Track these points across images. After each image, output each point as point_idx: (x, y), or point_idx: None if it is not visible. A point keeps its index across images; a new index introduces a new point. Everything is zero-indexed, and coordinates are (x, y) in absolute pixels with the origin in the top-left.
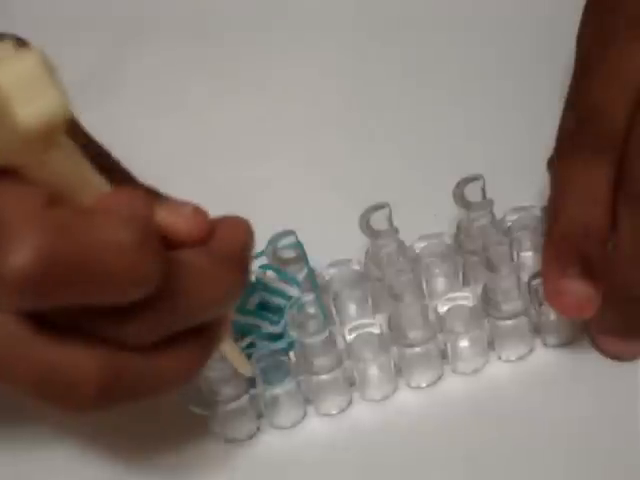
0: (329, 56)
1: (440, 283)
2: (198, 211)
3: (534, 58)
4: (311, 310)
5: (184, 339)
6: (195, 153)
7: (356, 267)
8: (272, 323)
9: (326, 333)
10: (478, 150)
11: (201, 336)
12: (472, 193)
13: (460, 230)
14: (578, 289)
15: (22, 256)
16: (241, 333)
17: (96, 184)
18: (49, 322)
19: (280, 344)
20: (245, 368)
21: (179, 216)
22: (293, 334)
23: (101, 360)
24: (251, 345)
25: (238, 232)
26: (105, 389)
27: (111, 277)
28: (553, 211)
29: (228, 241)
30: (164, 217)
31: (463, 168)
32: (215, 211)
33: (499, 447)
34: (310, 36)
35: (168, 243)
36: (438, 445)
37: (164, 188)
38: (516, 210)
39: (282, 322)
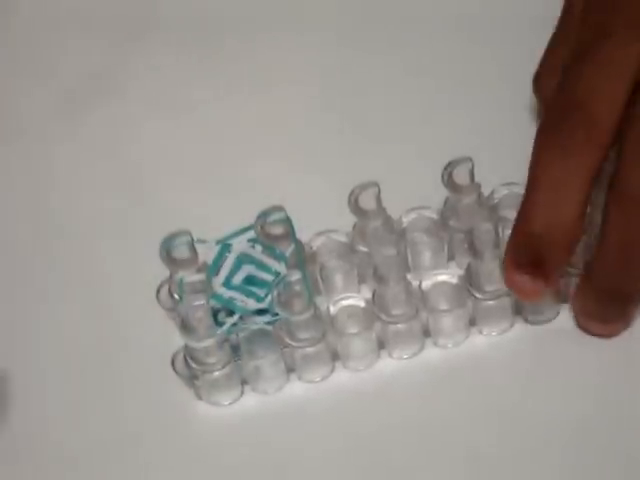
0: (329, 53)
1: (426, 257)
2: None
3: (522, 40)
4: (297, 288)
5: None
6: (195, 152)
7: (343, 239)
8: (258, 300)
9: (311, 312)
10: (466, 129)
11: None
12: (460, 175)
13: (447, 207)
14: (529, 284)
15: None
16: (227, 309)
17: None
18: None
19: (265, 318)
20: None
21: None
22: (278, 311)
23: None
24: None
25: None
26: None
27: None
28: (523, 203)
29: None
30: None
31: (453, 146)
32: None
33: (477, 413)
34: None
35: None
36: (417, 410)
37: (164, 187)
38: (504, 186)
39: (268, 298)
